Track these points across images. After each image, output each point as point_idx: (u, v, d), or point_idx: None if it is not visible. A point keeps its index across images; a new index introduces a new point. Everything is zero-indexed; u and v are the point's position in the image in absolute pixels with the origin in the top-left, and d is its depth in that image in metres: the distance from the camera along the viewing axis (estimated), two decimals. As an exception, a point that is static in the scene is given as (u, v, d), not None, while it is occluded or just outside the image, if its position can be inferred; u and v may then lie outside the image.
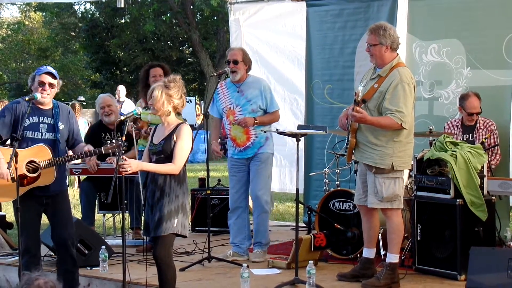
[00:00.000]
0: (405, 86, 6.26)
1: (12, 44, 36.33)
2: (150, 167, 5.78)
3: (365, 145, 6.39)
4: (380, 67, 6.40)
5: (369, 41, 6.43)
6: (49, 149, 6.21)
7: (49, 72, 6.28)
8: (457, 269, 6.59)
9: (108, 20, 28.92)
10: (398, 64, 6.39)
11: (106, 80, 31.25)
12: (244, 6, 10.30)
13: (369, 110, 6.34)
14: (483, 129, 7.67)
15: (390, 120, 6.23)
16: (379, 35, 6.36)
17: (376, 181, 6.36)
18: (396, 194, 6.37)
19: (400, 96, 6.23)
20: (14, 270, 7.31)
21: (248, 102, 7.56)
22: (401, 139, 6.33)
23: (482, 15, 8.01)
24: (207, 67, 25.45)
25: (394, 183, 6.36)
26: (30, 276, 3.69)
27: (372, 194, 6.41)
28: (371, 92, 6.36)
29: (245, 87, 7.62)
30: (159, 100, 5.78)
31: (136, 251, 8.02)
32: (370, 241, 6.68)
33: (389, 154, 6.31)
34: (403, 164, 6.41)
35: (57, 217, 6.38)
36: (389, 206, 6.39)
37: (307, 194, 9.53)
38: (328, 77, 9.25)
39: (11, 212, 9.80)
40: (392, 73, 6.32)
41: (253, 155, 7.58)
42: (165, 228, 5.70)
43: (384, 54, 6.36)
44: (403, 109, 6.21)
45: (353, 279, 6.63)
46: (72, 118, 6.45)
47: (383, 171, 6.33)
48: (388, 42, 6.36)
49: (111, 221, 9.22)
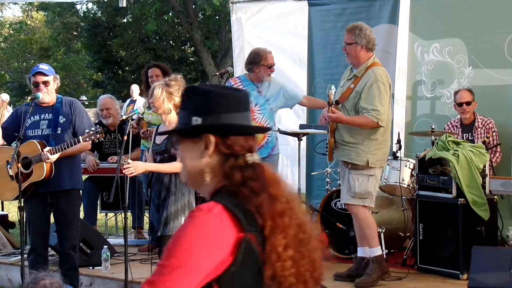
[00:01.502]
0: (380, 85, 6.35)
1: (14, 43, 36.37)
2: (155, 167, 5.78)
3: (342, 143, 6.48)
4: (356, 67, 6.51)
5: (345, 40, 6.56)
6: (38, 144, 6.17)
7: (39, 72, 6.25)
8: (459, 268, 6.59)
9: (110, 19, 28.93)
10: (374, 64, 6.48)
11: (108, 80, 31.25)
12: (246, 5, 10.30)
13: (346, 110, 6.46)
14: (482, 128, 7.67)
15: (366, 119, 6.31)
16: (354, 35, 6.46)
17: (350, 177, 6.44)
18: (368, 191, 6.44)
19: (375, 95, 6.32)
20: (16, 269, 7.32)
21: (267, 102, 7.59)
22: (377, 137, 6.42)
23: (484, 14, 8.00)
24: (209, 67, 25.45)
25: (367, 180, 6.43)
26: (36, 275, 3.71)
27: (345, 190, 6.50)
28: (348, 92, 6.47)
29: (263, 86, 7.64)
30: (159, 98, 5.78)
31: (138, 251, 8.03)
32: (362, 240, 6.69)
33: (365, 151, 6.40)
34: (378, 161, 6.48)
35: (60, 220, 6.37)
36: (360, 203, 6.46)
37: (309, 193, 9.52)
38: (330, 77, 9.23)
39: (14, 212, 9.81)
40: (367, 73, 6.41)
41: (266, 155, 7.58)
42: (172, 227, 5.70)
43: (359, 53, 6.45)
44: (378, 108, 6.30)
45: (349, 279, 6.65)
46: (74, 110, 6.35)
47: (357, 167, 6.41)
48: (363, 42, 6.44)
49: (113, 220, 9.23)
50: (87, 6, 31.31)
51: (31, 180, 6.19)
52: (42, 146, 6.16)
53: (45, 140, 6.21)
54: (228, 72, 8.27)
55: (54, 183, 6.25)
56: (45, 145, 6.16)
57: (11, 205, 10.21)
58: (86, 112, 6.56)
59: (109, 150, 8.50)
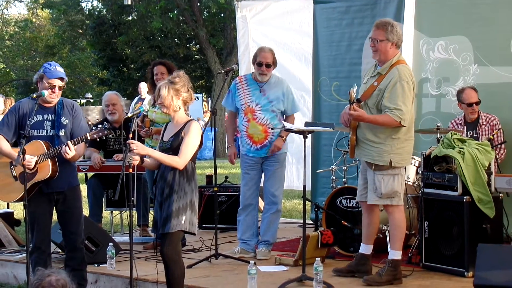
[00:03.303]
0: (404, 84, 6.29)
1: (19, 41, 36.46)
2: (154, 154, 5.80)
3: (364, 142, 6.44)
4: (382, 63, 6.43)
5: (376, 36, 6.43)
6: (43, 144, 6.19)
7: (60, 78, 6.29)
8: (465, 266, 6.58)
9: (115, 17, 28.91)
10: (398, 61, 6.42)
11: (113, 77, 31.24)
12: (251, 3, 10.31)
13: (369, 108, 6.40)
14: (486, 125, 7.67)
15: (388, 118, 6.26)
16: (386, 31, 6.37)
17: (375, 178, 6.39)
18: (395, 190, 6.40)
19: (398, 94, 6.26)
20: (22, 267, 7.33)
21: (270, 103, 7.55)
22: (399, 136, 6.36)
23: (490, 11, 7.99)
24: (214, 64, 25.44)
25: (393, 180, 6.39)
26: (43, 272, 3.72)
27: (371, 190, 6.45)
28: (371, 90, 6.41)
29: (267, 87, 7.60)
30: (167, 97, 5.79)
31: (144, 248, 8.04)
32: (368, 237, 6.70)
33: (387, 151, 6.35)
34: (402, 161, 6.44)
35: (67, 215, 6.38)
36: (388, 202, 6.43)
37: (314, 191, 9.53)
38: (335, 74, 9.25)
39: (19, 209, 9.82)
40: (391, 71, 6.35)
41: (270, 155, 7.58)
42: (173, 225, 5.71)
43: (389, 50, 6.39)
44: (401, 107, 6.24)
45: (349, 274, 6.67)
46: (75, 113, 6.39)
47: (381, 168, 6.37)
48: (395, 39, 6.39)
49: (119, 218, 9.24)
50: (92, 4, 31.50)
51: (36, 180, 6.19)
52: (47, 146, 6.18)
53: (50, 141, 6.23)
54: (233, 70, 8.27)
55: (59, 183, 6.28)
56: (50, 146, 6.19)
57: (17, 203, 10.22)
58: (84, 116, 6.58)
59: (113, 147, 8.50)
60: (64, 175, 6.28)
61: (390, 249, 6.55)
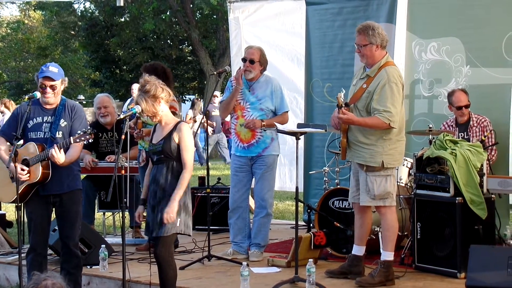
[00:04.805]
0: (393, 86, 6.30)
1: (11, 43, 36.35)
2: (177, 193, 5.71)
3: (355, 144, 6.45)
4: (371, 66, 6.44)
5: (359, 42, 6.46)
6: (37, 146, 6.16)
7: (48, 77, 6.22)
8: (457, 267, 6.59)
9: (107, 18, 28.89)
10: (387, 63, 6.43)
11: (105, 79, 31.22)
12: (244, 4, 10.31)
13: (358, 110, 6.42)
14: (477, 126, 7.68)
15: (377, 120, 6.28)
16: (368, 35, 6.40)
17: (368, 179, 6.40)
18: (388, 191, 6.41)
19: (387, 96, 6.28)
20: (14, 268, 7.31)
21: (258, 101, 7.55)
22: (391, 137, 6.38)
23: (482, 13, 8.01)
24: (206, 66, 25.45)
25: (385, 181, 6.40)
26: (39, 276, 3.70)
27: (364, 192, 6.45)
28: (360, 92, 6.42)
29: (257, 86, 7.61)
30: (149, 108, 5.78)
31: (136, 250, 8.03)
32: (361, 239, 6.71)
33: (379, 152, 6.36)
34: (394, 161, 6.45)
35: (63, 218, 6.34)
36: (381, 203, 6.44)
37: (307, 192, 9.54)
38: (328, 76, 9.25)
39: (11, 211, 9.80)
40: (380, 73, 6.37)
41: (256, 155, 7.56)
42: (168, 228, 5.70)
43: (375, 53, 6.41)
44: (390, 109, 6.26)
45: (341, 276, 6.68)
46: (75, 115, 6.31)
47: (373, 169, 6.38)
48: (378, 41, 6.41)
49: (111, 219, 9.22)
50: (85, 5, 31.34)
51: (30, 181, 6.16)
52: (40, 148, 6.15)
53: (46, 143, 6.18)
54: (225, 71, 8.28)
55: (56, 186, 6.24)
56: (45, 148, 6.15)
57: (9, 205, 10.19)
58: (86, 118, 6.53)
59: (106, 149, 8.49)
60: (60, 178, 6.22)
61: (383, 250, 6.56)
